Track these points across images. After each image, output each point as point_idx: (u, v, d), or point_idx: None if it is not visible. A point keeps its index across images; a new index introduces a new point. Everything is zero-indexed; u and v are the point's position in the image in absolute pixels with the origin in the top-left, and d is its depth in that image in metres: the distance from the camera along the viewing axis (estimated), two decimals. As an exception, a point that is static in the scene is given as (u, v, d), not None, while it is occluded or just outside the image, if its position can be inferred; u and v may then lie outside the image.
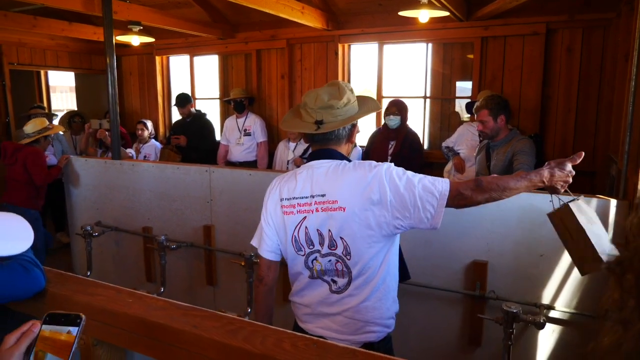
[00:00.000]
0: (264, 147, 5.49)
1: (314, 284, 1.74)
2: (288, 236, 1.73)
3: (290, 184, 1.73)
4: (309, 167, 1.73)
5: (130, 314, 1.06)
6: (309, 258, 1.72)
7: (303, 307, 1.80)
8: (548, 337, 2.57)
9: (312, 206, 1.67)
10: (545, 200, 2.49)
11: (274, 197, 1.77)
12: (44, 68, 6.88)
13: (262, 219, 1.82)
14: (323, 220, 1.65)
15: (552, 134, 4.53)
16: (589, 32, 4.29)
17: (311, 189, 1.68)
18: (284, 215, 1.73)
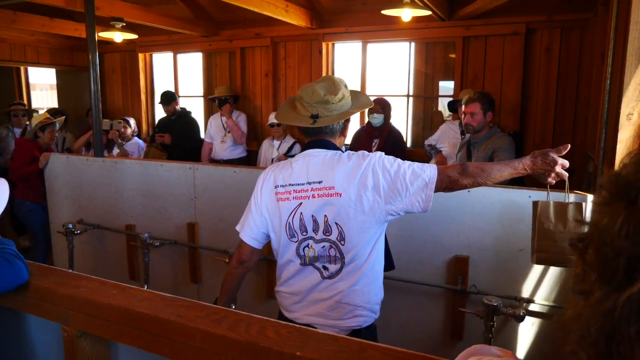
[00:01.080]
0: (243, 135, 5.46)
1: (304, 271, 1.77)
2: (282, 223, 1.75)
3: (285, 171, 1.77)
4: (305, 155, 1.77)
5: (115, 305, 1.07)
6: (302, 245, 1.75)
7: (291, 295, 1.81)
8: (528, 330, 2.63)
9: (308, 192, 1.71)
10: (524, 195, 2.56)
11: (268, 184, 1.79)
12: (24, 64, 6.76)
13: (252, 206, 1.83)
14: (319, 206, 1.70)
15: (531, 132, 4.62)
16: (567, 32, 4.38)
17: (307, 176, 1.72)
18: (278, 202, 1.75)
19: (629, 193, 0.45)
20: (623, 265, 0.42)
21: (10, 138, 5.43)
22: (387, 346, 0.92)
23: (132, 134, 5.71)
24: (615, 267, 0.43)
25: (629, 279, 0.42)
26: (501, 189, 2.67)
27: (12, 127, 5.46)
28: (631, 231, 0.43)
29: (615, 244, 0.44)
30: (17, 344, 1.37)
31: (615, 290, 0.42)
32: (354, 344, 0.90)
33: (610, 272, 0.43)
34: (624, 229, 0.43)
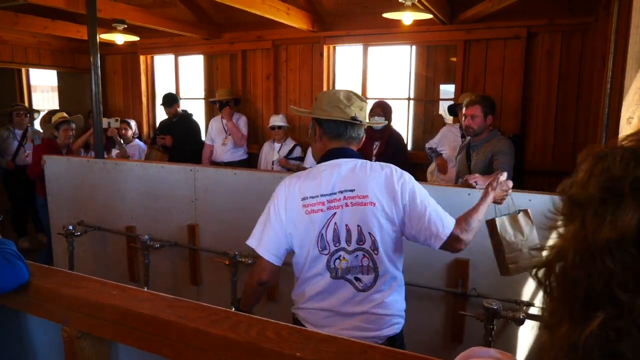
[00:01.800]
0: (244, 138, 5.46)
1: (335, 285, 1.70)
2: (313, 236, 1.68)
3: (312, 181, 1.70)
4: (332, 165, 1.73)
5: (116, 306, 1.07)
6: (333, 257, 1.69)
7: (321, 311, 1.73)
8: (528, 333, 2.62)
9: (341, 202, 1.67)
10: (524, 199, 2.56)
11: (293, 196, 1.69)
12: (26, 66, 6.78)
13: (273, 220, 1.71)
14: (352, 215, 1.67)
15: (532, 136, 4.62)
16: (568, 36, 4.39)
17: (339, 185, 1.68)
18: (308, 215, 1.67)
19: (577, 214, 0.44)
20: (581, 297, 0.41)
21: (12, 139, 5.44)
22: (387, 348, 0.92)
23: (133, 136, 5.72)
24: (575, 299, 0.42)
25: (588, 313, 0.40)
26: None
27: (14, 128, 5.47)
28: (584, 260, 0.41)
29: (571, 275, 0.42)
30: (17, 345, 1.37)
31: (577, 326, 0.41)
32: (354, 345, 0.90)
33: (571, 305, 0.42)
34: (577, 258, 0.42)
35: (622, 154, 0.43)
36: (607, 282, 0.39)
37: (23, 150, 5.45)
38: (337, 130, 1.76)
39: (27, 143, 5.48)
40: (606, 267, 0.39)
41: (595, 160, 0.45)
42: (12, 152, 5.42)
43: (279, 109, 5.77)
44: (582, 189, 0.44)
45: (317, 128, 1.81)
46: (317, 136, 1.82)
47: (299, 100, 5.71)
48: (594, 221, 0.41)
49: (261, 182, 3.23)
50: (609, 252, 0.39)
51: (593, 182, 0.43)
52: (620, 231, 0.39)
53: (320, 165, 1.75)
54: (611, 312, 0.39)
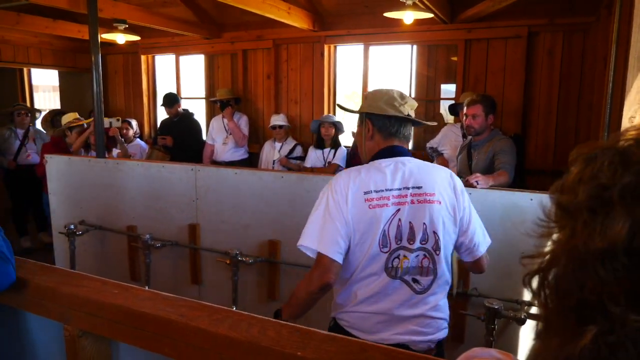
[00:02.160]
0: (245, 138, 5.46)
1: (391, 286, 1.62)
2: (376, 231, 1.59)
3: (376, 176, 1.63)
4: (396, 161, 1.67)
5: (117, 305, 1.07)
6: (392, 255, 1.61)
7: (375, 315, 1.63)
8: (529, 333, 2.62)
9: (407, 198, 1.61)
10: (526, 198, 2.56)
11: (355, 190, 1.60)
12: (27, 65, 6.79)
13: (334, 215, 1.59)
14: (418, 213, 1.61)
15: (534, 135, 4.62)
16: (569, 35, 4.38)
17: (405, 181, 1.62)
18: (372, 209, 1.59)
19: (567, 222, 0.43)
20: (573, 309, 0.40)
21: (13, 139, 5.45)
22: (387, 347, 0.92)
23: (134, 136, 5.72)
24: (567, 311, 0.41)
25: (580, 327, 0.39)
26: (503, 191, 2.67)
27: (15, 127, 5.48)
28: (576, 271, 0.40)
29: (564, 285, 0.41)
30: (16, 343, 1.37)
31: (570, 340, 0.40)
32: (354, 344, 0.91)
33: (564, 316, 0.41)
34: (569, 269, 0.41)
35: (611, 158, 0.42)
36: (599, 294, 0.38)
37: (25, 150, 5.46)
38: (392, 128, 1.72)
39: (28, 142, 5.49)
40: (598, 278, 0.38)
41: (585, 162, 0.44)
42: (13, 152, 5.43)
43: (279, 109, 5.77)
44: (572, 195, 0.43)
45: (369, 126, 1.74)
46: (370, 134, 1.74)
47: (300, 100, 5.71)
48: (584, 231, 0.40)
49: (262, 181, 3.23)
50: (601, 263, 0.39)
51: (582, 189, 0.42)
52: (610, 241, 0.38)
53: (381, 161, 1.68)
54: (603, 326, 0.38)
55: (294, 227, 3.15)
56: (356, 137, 1.88)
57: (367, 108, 1.75)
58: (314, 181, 3.07)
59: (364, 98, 1.83)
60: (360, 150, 1.84)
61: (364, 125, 1.76)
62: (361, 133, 1.79)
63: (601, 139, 2.68)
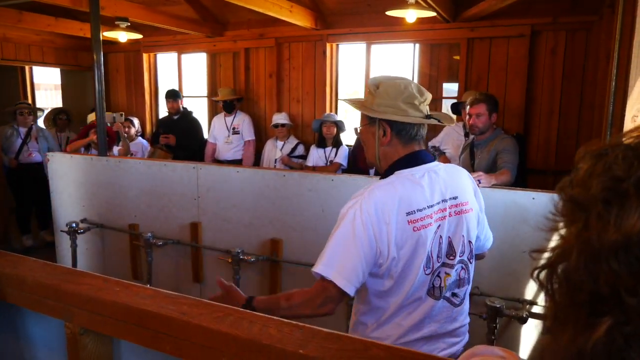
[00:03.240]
0: (251, 146, 5.49)
1: (435, 307, 1.49)
2: (422, 256, 1.41)
3: (415, 191, 1.43)
4: (428, 170, 1.49)
5: (118, 302, 1.07)
6: (434, 275, 1.47)
7: (421, 341, 1.49)
8: (531, 332, 2.62)
9: (446, 211, 1.47)
10: (527, 197, 2.55)
11: (396, 211, 1.38)
12: (29, 63, 6.80)
13: (359, 244, 1.36)
14: (457, 225, 1.50)
15: (536, 134, 4.61)
16: (572, 34, 4.37)
17: (443, 193, 1.47)
18: (417, 232, 1.40)
19: (580, 216, 0.42)
20: (586, 301, 0.40)
21: (15, 137, 5.45)
22: (390, 345, 0.92)
23: (136, 134, 5.72)
24: (579, 304, 0.40)
25: (594, 319, 0.39)
26: (505, 190, 2.67)
27: (18, 126, 5.48)
28: (588, 264, 0.40)
29: (575, 278, 0.41)
30: (17, 342, 1.37)
31: (582, 333, 0.39)
32: (357, 342, 0.90)
33: (575, 310, 0.41)
34: (581, 261, 0.40)
35: (624, 152, 0.42)
36: (614, 286, 0.38)
37: (27, 149, 5.46)
38: (412, 131, 1.50)
39: (30, 141, 5.49)
40: (612, 270, 0.38)
41: (595, 158, 0.44)
42: (15, 150, 5.43)
43: (281, 107, 5.77)
44: (584, 189, 0.43)
45: (387, 130, 1.49)
46: (387, 139, 1.50)
47: (302, 99, 5.71)
48: (598, 223, 0.40)
49: (264, 180, 3.23)
50: (615, 255, 0.38)
51: (595, 181, 0.42)
52: (625, 233, 0.38)
53: (412, 172, 1.47)
54: (618, 318, 0.38)
55: (296, 226, 3.16)
56: (362, 138, 1.61)
57: (383, 109, 1.49)
58: (316, 180, 3.07)
59: (374, 90, 1.54)
60: (369, 153, 1.59)
61: (377, 127, 1.51)
62: (373, 135, 1.53)
63: (604, 138, 2.67)
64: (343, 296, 1.39)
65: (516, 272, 2.59)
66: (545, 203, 2.52)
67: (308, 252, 3.12)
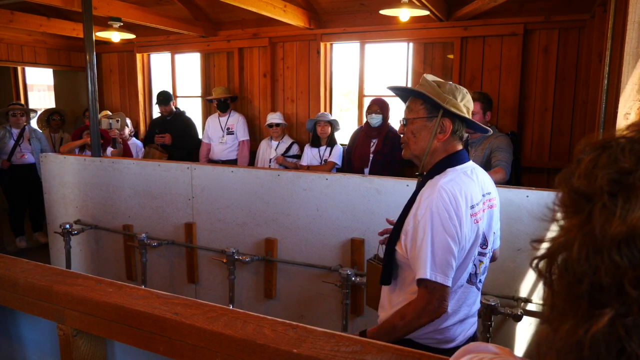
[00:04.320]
0: (245, 146, 5.48)
1: (470, 293, 1.63)
2: (476, 245, 1.56)
3: (471, 185, 1.54)
4: (472, 167, 1.62)
5: (111, 303, 1.06)
6: (472, 262, 1.59)
7: (458, 323, 1.61)
8: (526, 330, 2.63)
9: (485, 205, 1.61)
10: (521, 195, 2.56)
11: (465, 206, 1.48)
12: (21, 64, 6.75)
13: (450, 240, 1.45)
14: (489, 217, 1.63)
15: (529, 133, 4.63)
16: (564, 33, 4.39)
17: (482, 188, 1.60)
18: (476, 224, 1.53)
19: (583, 207, 0.42)
20: (586, 292, 0.40)
21: (8, 138, 5.41)
22: (384, 343, 0.92)
23: (130, 134, 5.69)
24: (579, 295, 0.41)
25: (594, 311, 0.39)
26: (500, 188, 2.67)
27: (10, 127, 5.44)
28: (590, 255, 0.40)
29: (576, 269, 0.41)
30: (9, 344, 1.36)
31: (582, 324, 0.40)
32: (351, 341, 0.90)
33: (574, 300, 0.41)
34: (583, 252, 0.40)
35: (630, 145, 0.42)
36: (615, 278, 0.38)
37: (19, 150, 5.43)
38: (462, 132, 1.63)
39: (23, 143, 5.46)
40: (614, 262, 0.38)
41: (599, 150, 0.44)
42: (8, 152, 5.39)
43: (276, 107, 5.76)
44: (589, 180, 0.42)
45: (449, 126, 1.58)
46: (446, 135, 1.58)
47: (296, 98, 5.70)
48: (602, 215, 0.40)
49: (259, 179, 3.22)
50: (618, 247, 0.38)
51: (600, 173, 0.42)
52: (631, 225, 0.38)
53: (464, 168, 1.58)
54: (620, 309, 0.38)
55: (290, 225, 3.15)
56: (413, 129, 1.62)
57: (450, 104, 1.57)
58: (311, 179, 3.07)
59: (435, 86, 1.61)
60: (418, 146, 1.62)
61: (437, 123, 1.57)
62: (429, 130, 1.59)
63: (597, 135, 2.68)
64: (449, 292, 1.48)
65: (511, 270, 2.59)
66: (540, 200, 2.53)
67: (303, 251, 3.12)
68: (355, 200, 2.95)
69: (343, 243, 3.01)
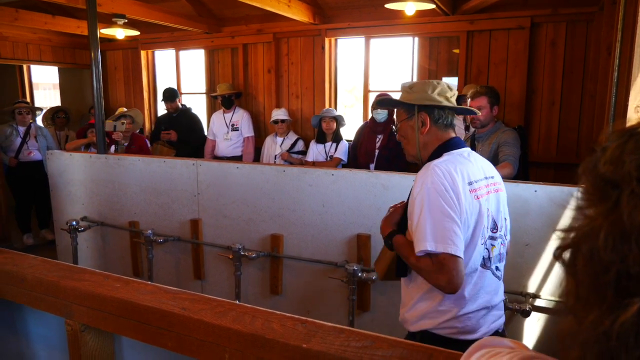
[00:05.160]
0: (250, 143, 5.47)
1: (485, 277, 1.60)
2: (481, 223, 1.55)
3: (468, 166, 1.57)
4: (469, 151, 1.67)
5: (119, 298, 1.05)
6: (484, 246, 1.58)
7: (478, 312, 1.59)
8: (534, 325, 2.61)
9: (489, 187, 1.62)
10: (529, 190, 2.53)
11: (461, 181, 1.51)
12: (27, 62, 6.77)
13: (451, 213, 1.46)
14: (497, 201, 1.65)
15: (536, 127, 4.59)
16: (572, 25, 4.34)
17: (483, 171, 1.63)
18: (477, 200, 1.54)
19: (610, 194, 0.41)
20: (613, 281, 0.39)
21: (15, 136, 5.43)
22: (395, 338, 0.91)
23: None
24: (605, 284, 0.39)
25: (621, 300, 0.38)
26: (507, 183, 2.64)
27: (17, 125, 5.46)
28: (617, 243, 0.39)
29: (602, 258, 0.40)
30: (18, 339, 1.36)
31: (608, 314, 0.38)
32: (361, 336, 0.89)
33: (600, 290, 0.40)
34: (610, 240, 0.39)
35: None
36: None
37: (26, 147, 5.45)
38: (447, 120, 1.68)
39: (30, 140, 5.48)
40: None
41: (626, 137, 0.42)
42: (15, 149, 5.42)
43: (280, 103, 5.75)
44: (616, 166, 0.41)
45: (426, 119, 1.66)
46: (426, 128, 1.66)
47: (301, 94, 5.68)
48: (631, 201, 0.39)
49: (264, 175, 3.21)
50: None
51: (628, 159, 0.40)
52: None
53: (460, 151, 1.63)
54: None
55: (296, 221, 3.14)
56: (402, 133, 1.75)
57: (421, 100, 1.66)
58: (316, 175, 3.06)
59: (408, 89, 1.72)
60: (410, 146, 1.73)
61: (416, 118, 1.67)
62: (412, 128, 1.69)
63: (607, 129, 2.65)
64: (463, 261, 1.47)
65: (519, 265, 2.57)
66: (548, 195, 2.51)
67: (309, 247, 3.11)
68: (362, 196, 2.93)
69: (349, 239, 2.99)
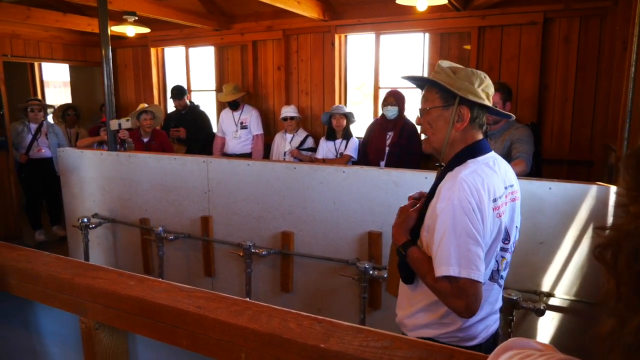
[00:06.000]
0: (259, 140, 5.46)
1: (493, 290, 1.55)
2: (498, 240, 1.47)
3: (494, 178, 1.45)
4: (494, 158, 1.53)
5: (133, 296, 1.05)
6: (494, 258, 1.50)
7: (480, 321, 1.53)
8: (548, 324, 2.58)
9: (507, 198, 1.50)
10: (544, 187, 2.50)
11: (487, 199, 1.40)
12: (38, 60, 6.81)
13: (476, 235, 1.36)
14: (512, 211, 1.53)
15: (549, 124, 4.53)
16: (585, 20, 4.28)
17: (504, 181, 1.51)
18: (499, 219, 1.44)
19: None
20: None
21: (26, 133, 5.48)
22: (413, 339, 0.89)
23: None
24: None
25: None
26: (520, 180, 2.61)
27: (29, 122, 5.50)
28: None
29: None
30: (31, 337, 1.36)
31: None
32: (380, 336, 0.87)
33: None
34: None
35: None
36: None
37: (36, 144, 5.49)
38: (482, 120, 1.52)
39: (40, 137, 5.52)
40: None
41: None
42: (25, 146, 5.46)
43: (290, 100, 5.73)
44: None
45: (466, 114, 1.48)
46: (464, 124, 1.49)
47: (311, 91, 5.66)
48: None
49: (275, 173, 3.21)
50: None
51: None
52: None
53: (486, 159, 1.49)
54: None
55: (307, 219, 3.13)
56: (430, 121, 1.54)
57: (466, 92, 1.47)
58: (327, 172, 3.04)
59: (450, 73, 1.50)
60: (436, 138, 1.54)
61: (454, 110, 1.48)
62: (445, 119, 1.50)
63: (622, 126, 2.60)
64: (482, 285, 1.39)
65: (533, 264, 2.54)
66: (562, 193, 2.47)
67: (320, 244, 3.10)
68: (373, 193, 2.91)
69: (360, 236, 2.98)
